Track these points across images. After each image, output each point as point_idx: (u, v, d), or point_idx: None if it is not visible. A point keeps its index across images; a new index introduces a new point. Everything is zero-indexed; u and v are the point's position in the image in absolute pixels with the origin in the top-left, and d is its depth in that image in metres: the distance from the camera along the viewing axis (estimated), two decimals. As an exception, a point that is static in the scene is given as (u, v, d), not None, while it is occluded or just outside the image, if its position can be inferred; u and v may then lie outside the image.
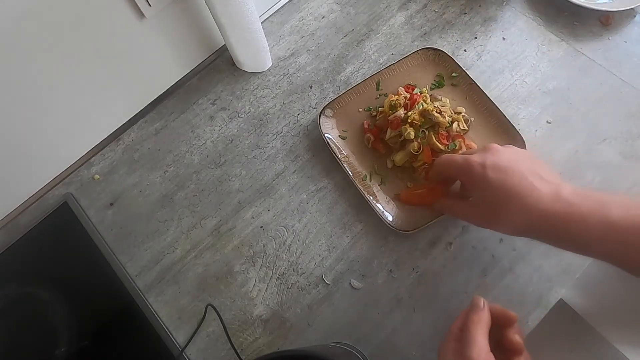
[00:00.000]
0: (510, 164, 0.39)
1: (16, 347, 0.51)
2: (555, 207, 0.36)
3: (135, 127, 0.61)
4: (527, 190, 0.37)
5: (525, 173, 0.38)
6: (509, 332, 0.36)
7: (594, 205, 0.35)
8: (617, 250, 0.34)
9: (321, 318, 0.49)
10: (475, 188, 0.41)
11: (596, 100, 0.56)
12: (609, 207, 0.34)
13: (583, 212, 0.35)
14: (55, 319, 0.52)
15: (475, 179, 0.40)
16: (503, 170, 0.38)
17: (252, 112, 0.60)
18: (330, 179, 0.55)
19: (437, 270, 0.50)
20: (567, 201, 0.36)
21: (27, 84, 0.47)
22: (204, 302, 0.51)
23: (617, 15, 0.61)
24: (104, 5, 0.46)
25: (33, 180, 0.57)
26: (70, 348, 0.51)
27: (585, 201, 0.35)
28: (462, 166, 0.42)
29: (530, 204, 0.37)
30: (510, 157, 0.40)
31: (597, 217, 0.34)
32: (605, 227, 0.34)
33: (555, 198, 0.36)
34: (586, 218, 0.35)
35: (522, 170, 0.38)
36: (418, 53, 0.59)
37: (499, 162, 0.39)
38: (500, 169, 0.39)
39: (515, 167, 0.38)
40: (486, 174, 0.39)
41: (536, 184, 0.37)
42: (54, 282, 0.53)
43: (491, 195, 0.39)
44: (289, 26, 0.66)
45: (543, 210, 0.36)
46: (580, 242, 0.36)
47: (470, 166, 0.40)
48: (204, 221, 0.55)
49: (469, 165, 0.41)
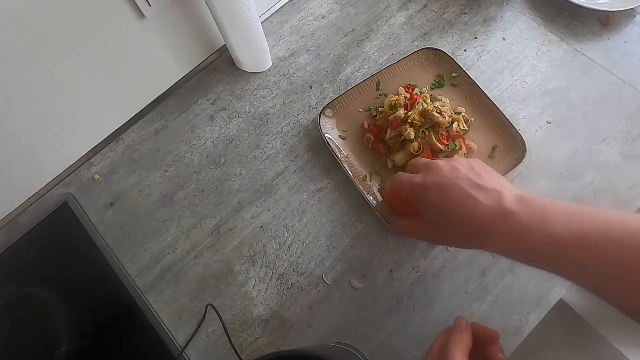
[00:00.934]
0: (449, 181, 0.38)
1: (16, 347, 0.51)
2: (498, 220, 0.34)
3: (135, 127, 0.61)
4: (469, 205, 0.36)
5: (465, 187, 0.37)
6: (492, 350, 0.36)
7: (536, 216, 0.33)
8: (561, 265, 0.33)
9: (321, 318, 0.49)
10: (420, 208, 0.41)
11: (596, 100, 0.56)
12: (550, 219, 0.32)
13: (524, 224, 0.33)
14: (55, 319, 0.52)
15: (418, 199, 0.40)
16: (442, 187, 0.38)
17: (252, 112, 0.60)
18: (330, 179, 0.55)
19: (437, 270, 0.50)
20: (510, 212, 0.34)
21: (27, 84, 0.47)
22: (204, 302, 0.51)
23: (617, 15, 0.61)
24: (104, 6, 0.47)
25: (33, 180, 0.57)
26: (70, 348, 0.51)
27: (527, 211, 0.34)
28: (406, 187, 0.41)
29: (473, 220, 0.36)
30: (450, 173, 0.39)
31: (538, 231, 0.32)
32: (547, 241, 0.32)
33: (497, 211, 0.35)
34: (529, 231, 0.33)
35: (462, 185, 0.37)
36: (418, 53, 0.59)
37: (439, 180, 0.38)
38: (440, 186, 0.38)
39: (455, 182, 0.37)
40: (427, 194, 0.39)
41: (477, 196, 0.36)
42: (54, 282, 0.53)
43: (435, 214, 0.39)
44: (289, 26, 0.66)
45: (487, 226, 0.35)
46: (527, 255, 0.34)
47: (412, 186, 0.40)
48: (204, 221, 0.55)
49: (411, 185, 0.40)
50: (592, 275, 0.31)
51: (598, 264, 0.30)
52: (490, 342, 0.37)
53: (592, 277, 0.31)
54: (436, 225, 0.40)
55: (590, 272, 0.31)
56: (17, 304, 0.53)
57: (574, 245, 0.31)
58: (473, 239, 0.37)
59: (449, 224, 0.38)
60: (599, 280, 0.31)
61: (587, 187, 0.51)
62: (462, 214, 0.36)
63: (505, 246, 0.35)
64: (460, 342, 0.35)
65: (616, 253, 0.29)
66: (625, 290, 0.30)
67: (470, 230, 0.36)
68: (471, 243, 0.38)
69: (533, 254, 0.34)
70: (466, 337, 0.35)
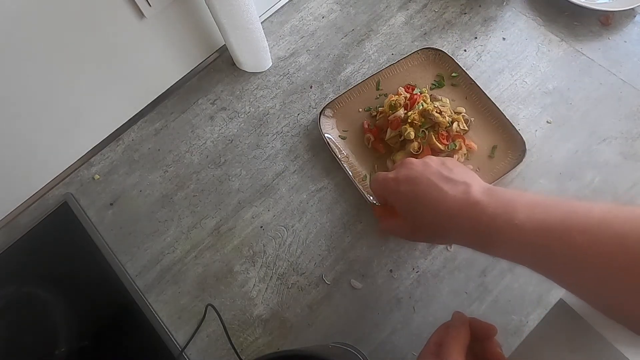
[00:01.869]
0: (420, 175, 0.39)
1: (16, 347, 0.51)
2: (465, 210, 0.35)
3: (135, 127, 0.61)
4: (438, 197, 0.37)
5: (434, 180, 0.38)
6: (490, 344, 0.36)
7: (501, 206, 0.33)
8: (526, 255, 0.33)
9: (321, 318, 0.49)
10: (395, 203, 0.42)
11: (596, 100, 0.56)
12: (516, 208, 0.33)
13: (490, 214, 0.33)
14: (55, 319, 0.52)
15: (392, 195, 0.41)
16: (413, 180, 0.39)
17: (252, 112, 0.60)
18: (330, 179, 0.55)
19: (437, 270, 0.50)
20: (476, 202, 0.35)
21: (27, 84, 0.47)
22: (204, 302, 0.51)
23: (617, 15, 0.61)
24: (104, 5, 0.47)
25: (33, 180, 0.57)
26: (71, 348, 0.51)
27: (493, 201, 0.34)
28: (381, 184, 0.43)
29: (441, 210, 0.36)
30: (421, 167, 0.40)
31: (503, 220, 0.33)
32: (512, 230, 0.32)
33: (464, 201, 0.35)
34: (494, 221, 0.33)
35: (432, 178, 0.38)
36: (418, 53, 0.59)
37: (410, 174, 0.39)
38: (411, 179, 0.39)
39: (425, 175, 0.38)
40: (399, 187, 0.40)
41: (445, 188, 0.37)
42: (54, 282, 0.53)
43: (407, 208, 0.40)
44: (289, 26, 0.66)
45: (454, 216, 0.35)
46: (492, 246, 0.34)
47: (386, 182, 0.41)
48: (204, 221, 0.55)
49: (385, 181, 0.42)
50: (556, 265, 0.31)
51: (561, 254, 0.30)
52: (489, 336, 0.37)
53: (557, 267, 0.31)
54: (409, 219, 0.40)
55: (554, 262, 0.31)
56: (17, 304, 0.53)
57: (537, 235, 0.31)
58: (442, 230, 0.37)
59: (420, 216, 0.39)
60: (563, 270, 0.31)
61: (587, 187, 0.51)
62: (431, 205, 0.37)
63: (472, 237, 0.35)
64: (458, 338, 0.35)
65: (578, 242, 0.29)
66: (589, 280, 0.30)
67: (438, 221, 0.37)
68: (440, 235, 0.39)
69: (498, 244, 0.34)
70: (464, 333, 0.35)
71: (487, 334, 0.37)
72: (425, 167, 0.40)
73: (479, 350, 0.36)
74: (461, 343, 0.34)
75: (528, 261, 0.33)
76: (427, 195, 0.37)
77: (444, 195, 0.36)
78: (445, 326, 0.37)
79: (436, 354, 0.35)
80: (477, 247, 0.36)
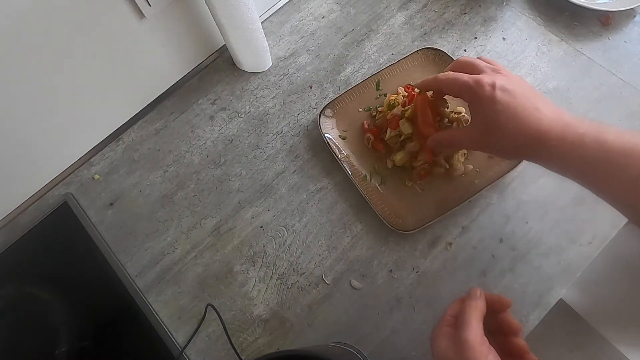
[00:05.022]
0: (517, 88, 0.40)
1: (16, 347, 0.51)
2: (555, 127, 0.38)
3: (135, 127, 0.61)
4: (531, 111, 0.39)
5: (531, 97, 0.40)
6: (505, 316, 0.37)
7: (592, 128, 0.37)
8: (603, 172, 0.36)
9: (321, 318, 0.49)
10: (480, 107, 0.42)
11: (596, 100, 0.56)
12: (605, 131, 0.36)
13: (580, 132, 0.37)
14: (55, 319, 0.52)
15: (483, 98, 0.41)
16: (511, 92, 0.40)
17: (252, 112, 0.60)
18: (330, 179, 0.55)
19: (437, 270, 0.50)
20: (567, 122, 0.38)
21: (27, 84, 0.47)
22: (204, 302, 0.51)
23: (617, 15, 0.61)
24: (104, 6, 0.46)
25: (33, 180, 0.57)
26: (71, 348, 0.51)
27: (583, 124, 0.37)
28: (471, 85, 0.42)
29: (532, 123, 0.38)
30: (518, 81, 0.41)
31: (592, 137, 0.36)
32: (599, 146, 0.36)
33: (557, 120, 0.38)
34: (583, 137, 0.37)
35: (528, 95, 0.40)
36: (418, 53, 0.59)
37: (508, 85, 0.40)
38: (508, 90, 0.40)
39: (522, 90, 0.40)
40: (495, 93, 0.40)
41: (540, 106, 0.39)
42: (54, 282, 0.54)
43: (495, 115, 0.40)
44: (289, 26, 0.66)
45: (543, 132, 0.38)
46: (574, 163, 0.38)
47: (481, 85, 0.41)
48: (204, 221, 0.55)
49: (480, 84, 0.41)
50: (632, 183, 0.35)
51: None
52: (504, 309, 0.38)
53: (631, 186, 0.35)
54: (488, 126, 0.41)
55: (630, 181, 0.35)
56: (17, 304, 0.53)
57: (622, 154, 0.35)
58: (527, 147, 0.39)
59: (503, 125, 0.40)
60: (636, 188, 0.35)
61: (587, 187, 0.51)
62: (523, 118, 0.39)
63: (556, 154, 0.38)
64: (476, 308, 0.35)
65: None
66: None
67: (523, 134, 0.39)
68: (517, 145, 0.40)
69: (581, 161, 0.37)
70: (481, 304, 0.36)
71: (502, 307, 0.37)
72: (522, 83, 0.41)
73: (494, 325, 0.37)
74: (479, 313, 0.35)
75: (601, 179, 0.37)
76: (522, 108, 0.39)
77: (537, 112, 0.39)
78: (460, 300, 0.37)
79: (453, 324, 0.35)
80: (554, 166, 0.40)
